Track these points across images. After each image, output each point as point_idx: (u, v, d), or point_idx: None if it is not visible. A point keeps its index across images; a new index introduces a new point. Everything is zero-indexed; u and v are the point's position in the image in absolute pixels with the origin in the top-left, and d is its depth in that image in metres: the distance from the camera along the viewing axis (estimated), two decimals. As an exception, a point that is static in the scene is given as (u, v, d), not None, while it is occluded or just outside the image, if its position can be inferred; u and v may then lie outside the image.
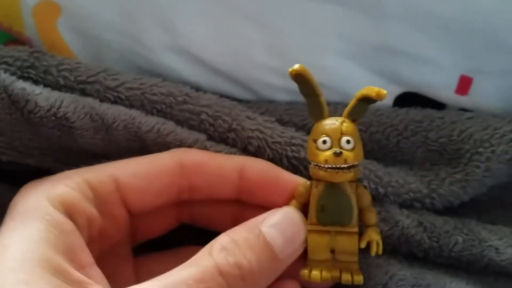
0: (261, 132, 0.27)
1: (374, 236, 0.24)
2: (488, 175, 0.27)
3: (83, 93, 0.26)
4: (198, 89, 0.29)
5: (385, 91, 0.22)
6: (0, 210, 0.24)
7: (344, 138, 0.23)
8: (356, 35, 0.28)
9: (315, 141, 0.23)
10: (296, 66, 0.22)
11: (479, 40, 0.27)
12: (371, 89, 0.22)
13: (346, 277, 0.24)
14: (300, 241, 0.23)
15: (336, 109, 0.29)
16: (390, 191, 0.26)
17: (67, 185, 0.22)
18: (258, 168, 0.25)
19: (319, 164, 0.23)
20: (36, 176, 0.25)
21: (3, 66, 0.25)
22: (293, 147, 0.26)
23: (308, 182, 0.24)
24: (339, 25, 0.28)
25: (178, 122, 0.27)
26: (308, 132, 0.27)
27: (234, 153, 0.27)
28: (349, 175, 0.23)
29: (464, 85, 0.29)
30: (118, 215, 0.24)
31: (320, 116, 0.24)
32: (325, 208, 0.23)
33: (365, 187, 0.25)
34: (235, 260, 0.21)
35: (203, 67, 0.30)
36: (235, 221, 0.26)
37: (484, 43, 0.27)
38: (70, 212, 0.22)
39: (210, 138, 0.27)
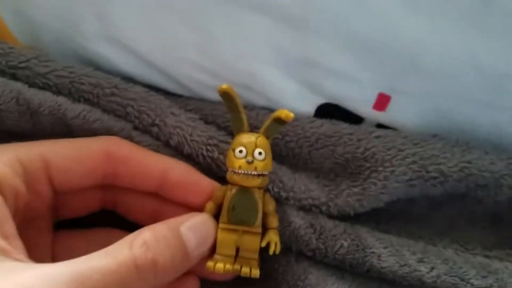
0: (182, 129, 0.30)
1: (273, 238, 0.28)
2: (385, 191, 0.30)
3: (14, 77, 0.28)
4: (131, 80, 0.31)
5: (292, 114, 0.26)
6: None
7: (257, 150, 0.27)
8: (283, 45, 0.30)
9: (233, 150, 0.27)
10: (224, 86, 0.26)
11: (398, 61, 0.29)
12: (282, 112, 0.26)
13: (245, 271, 0.28)
14: (209, 245, 0.27)
15: (258, 115, 0.32)
16: (291, 196, 0.30)
17: (0, 161, 0.24)
18: (180, 171, 0.29)
19: (234, 170, 0.27)
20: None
21: None
22: (208, 147, 0.30)
23: (224, 186, 0.28)
24: (267, 34, 0.30)
25: (105, 111, 0.29)
26: (228, 133, 0.30)
27: (158, 146, 0.29)
28: (258, 181, 0.27)
29: (382, 102, 0.32)
30: (43, 191, 0.27)
31: (241, 130, 0.28)
32: (235, 208, 0.27)
33: (270, 194, 0.29)
34: (152, 256, 0.23)
35: (136, 59, 0.32)
36: (155, 215, 0.29)
37: (402, 65, 0.29)
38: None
39: (136, 128, 0.30)
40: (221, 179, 0.29)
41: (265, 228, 0.28)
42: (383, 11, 0.27)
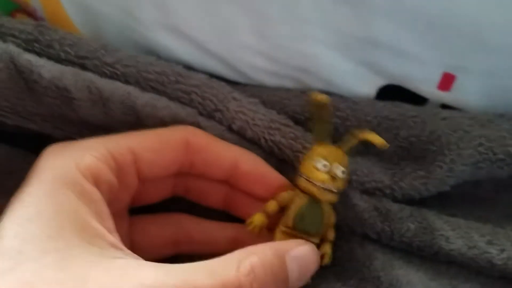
0: (244, 114, 0.30)
1: (328, 250, 0.29)
2: (451, 175, 0.30)
3: (83, 67, 0.29)
4: (190, 68, 0.32)
5: (386, 143, 0.27)
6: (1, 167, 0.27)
7: (341, 168, 0.27)
8: (342, 26, 0.30)
9: (313, 160, 0.27)
10: (319, 96, 0.26)
11: (463, 39, 0.29)
12: (376, 138, 0.27)
13: None
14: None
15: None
16: (354, 179, 0.30)
17: (94, 156, 0.25)
18: (250, 162, 0.29)
19: (313, 181, 0.27)
20: (36, 139, 0.28)
21: (10, 38, 0.29)
22: (270, 131, 0.30)
23: (292, 192, 0.28)
24: (326, 15, 0.30)
25: (171, 98, 0.30)
26: (288, 117, 0.31)
27: (223, 131, 0.30)
28: (333, 197, 0.28)
29: (446, 81, 0.31)
30: (131, 183, 0.28)
31: (323, 140, 0.28)
32: (304, 219, 0.28)
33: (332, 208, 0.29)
34: (258, 286, 0.23)
35: (194, 46, 0.32)
36: (226, 200, 0.30)
37: (467, 42, 0.29)
38: (96, 181, 0.24)
39: (200, 114, 0.30)
40: (282, 161, 0.30)
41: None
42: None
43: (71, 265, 0.20)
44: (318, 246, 0.28)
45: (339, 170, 0.27)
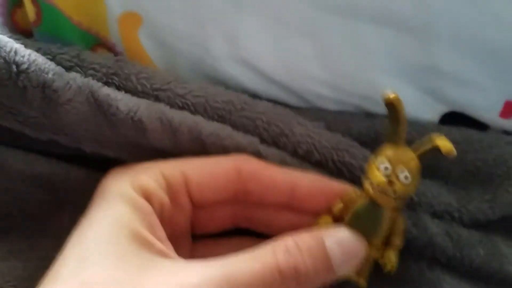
0: (310, 137, 0.30)
1: (391, 257, 0.27)
2: None
3: (157, 99, 0.31)
4: (255, 96, 0.33)
5: (454, 151, 0.24)
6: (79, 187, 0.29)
7: (404, 173, 0.25)
8: (405, 54, 0.31)
9: (377, 160, 0.26)
10: (392, 95, 0.25)
11: None
12: (442, 143, 0.24)
13: (354, 277, 0.27)
14: (356, 262, 0.26)
15: (382, 122, 0.32)
16: (423, 200, 0.30)
17: (147, 175, 0.27)
18: (308, 180, 0.29)
19: (371, 181, 0.26)
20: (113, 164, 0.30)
21: (91, 71, 0.31)
22: (338, 152, 0.30)
23: (360, 191, 0.28)
24: (389, 45, 0.30)
25: (235, 126, 0.31)
26: (353, 139, 0.31)
27: (285, 156, 0.30)
28: (393, 203, 0.26)
29: (508, 110, 0.31)
30: (184, 204, 0.29)
31: (394, 141, 0.26)
32: (359, 217, 0.27)
33: (403, 216, 0.28)
34: (295, 263, 0.24)
35: (260, 77, 0.34)
36: (291, 226, 0.29)
37: None
38: (148, 197, 0.26)
39: (262, 141, 0.31)
40: (353, 184, 0.29)
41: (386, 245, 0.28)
42: (510, 18, 0.27)
43: (127, 267, 0.23)
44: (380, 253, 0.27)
45: (402, 174, 0.25)
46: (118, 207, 0.26)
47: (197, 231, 0.31)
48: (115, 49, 0.35)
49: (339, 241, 0.26)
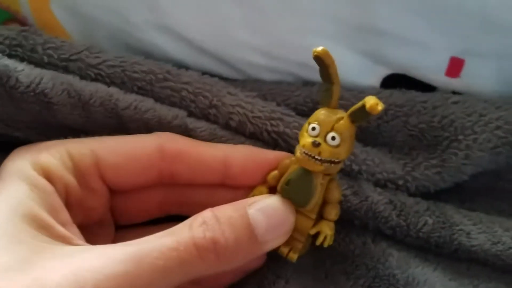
0: (241, 107, 0.28)
1: (325, 229, 0.25)
2: (467, 162, 0.27)
3: (66, 70, 0.27)
4: (185, 67, 0.30)
5: (379, 107, 0.21)
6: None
7: (332, 134, 0.23)
8: (342, 16, 0.28)
9: (309, 124, 0.24)
10: (319, 49, 0.23)
11: (471, 20, 0.27)
12: (369, 100, 0.21)
13: (283, 250, 0.25)
14: (284, 231, 0.24)
15: (319, 89, 0.30)
16: (364, 169, 0.27)
17: (49, 153, 0.24)
18: (241, 154, 0.26)
19: (299, 145, 0.24)
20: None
21: (-4, 45, 0.27)
22: (272, 121, 0.28)
23: (293, 157, 0.25)
24: (324, 5, 0.28)
25: (159, 99, 0.28)
26: (291, 109, 0.29)
27: (215, 129, 0.28)
28: (320, 167, 0.23)
29: (455, 67, 0.29)
30: (98, 189, 0.26)
31: (327, 104, 0.24)
32: (289, 184, 0.24)
33: (338, 183, 0.26)
34: (212, 235, 0.22)
35: (188, 46, 0.31)
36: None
37: (476, 23, 0.27)
38: (49, 177, 0.24)
39: (191, 114, 0.28)
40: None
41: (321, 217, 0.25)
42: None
43: (18, 251, 0.20)
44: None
45: (329, 135, 0.23)
46: (15, 187, 0.23)
47: (123, 220, 0.28)
48: (26, 23, 0.32)
49: (263, 208, 0.23)
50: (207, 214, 0.23)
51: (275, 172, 0.25)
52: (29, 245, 0.20)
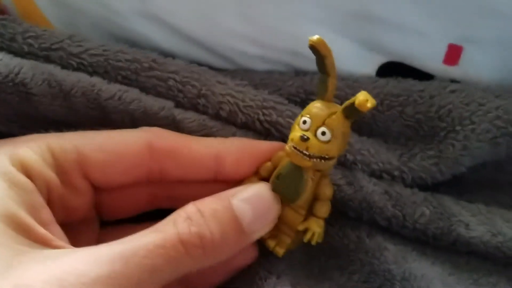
0: (232, 96, 0.27)
1: (313, 226, 0.24)
2: (465, 153, 0.26)
3: (47, 60, 0.26)
4: (171, 56, 0.29)
5: (368, 104, 0.20)
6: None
7: (322, 129, 0.22)
8: (335, 2, 0.27)
9: (301, 116, 0.23)
10: (314, 38, 0.22)
11: (469, 5, 0.26)
12: (358, 96, 0.20)
13: (270, 243, 0.25)
14: (270, 218, 0.24)
15: (312, 79, 0.29)
16: (359, 159, 0.26)
17: (29, 147, 0.23)
18: (235, 147, 0.25)
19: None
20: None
21: (-32, 34, 0.26)
22: (264, 110, 0.27)
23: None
24: (314, -11, 0.27)
25: (145, 89, 0.27)
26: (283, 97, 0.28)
27: (204, 120, 0.27)
28: (307, 163, 0.22)
29: (453, 54, 0.28)
30: (81, 187, 0.24)
31: (322, 96, 0.23)
32: (279, 178, 0.23)
33: (330, 180, 0.25)
34: (197, 230, 0.21)
35: (175, 34, 0.30)
36: None
37: (474, 9, 0.26)
38: (28, 173, 0.22)
39: (179, 105, 0.27)
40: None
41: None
42: None
43: None
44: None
45: (319, 130, 0.22)
46: None
47: (108, 216, 0.27)
48: (8, 12, 0.31)
49: (247, 198, 0.23)
50: (190, 208, 0.22)
51: (268, 164, 0.25)
52: (8, 248, 0.19)
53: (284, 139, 0.26)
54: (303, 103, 0.28)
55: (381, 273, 0.24)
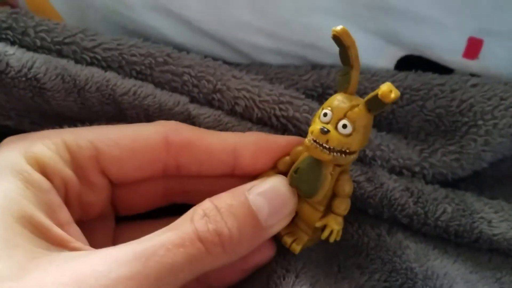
0: (248, 91, 0.26)
1: (332, 223, 0.23)
2: (487, 149, 0.26)
3: (60, 54, 0.26)
4: (185, 51, 0.28)
5: (393, 95, 0.19)
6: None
7: (343, 121, 0.21)
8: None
9: (322, 109, 0.22)
10: (338, 28, 0.21)
11: None
12: (382, 87, 0.20)
13: (287, 240, 0.24)
14: (287, 212, 0.23)
15: (329, 73, 0.28)
16: (378, 155, 0.26)
17: (45, 144, 0.22)
18: (251, 142, 0.25)
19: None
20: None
21: (-17, 28, 0.26)
22: (281, 105, 0.26)
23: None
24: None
25: (160, 84, 0.27)
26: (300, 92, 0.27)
27: (219, 115, 0.26)
28: (327, 156, 0.21)
29: (473, 48, 0.28)
30: (98, 183, 0.24)
31: (344, 89, 0.22)
32: (297, 172, 0.23)
33: (350, 177, 0.24)
34: (215, 227, 0.21)
35: (187, 27, 0.29)
36: None
37: (495, 1, 0.26)
38: (45, 171, 0.22)
39: (193, 100, 0.27)
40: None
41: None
42: None
43: (11, 258, 0.19)
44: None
45: (341, 123, 0.21)
46: (7, 184, 0.21)
47: (124, 211, 0.27)
48: (18, 6, 0.30)
49: (263, 192, 0.23)
50: (206, 205, 0.22)
51: (287, 158, 0.24)
52: (25, 251, 0.19)
53: (301, 134, 0.26)
54: (320, 98, 0.28)
55: (402, 271, 0.24)
